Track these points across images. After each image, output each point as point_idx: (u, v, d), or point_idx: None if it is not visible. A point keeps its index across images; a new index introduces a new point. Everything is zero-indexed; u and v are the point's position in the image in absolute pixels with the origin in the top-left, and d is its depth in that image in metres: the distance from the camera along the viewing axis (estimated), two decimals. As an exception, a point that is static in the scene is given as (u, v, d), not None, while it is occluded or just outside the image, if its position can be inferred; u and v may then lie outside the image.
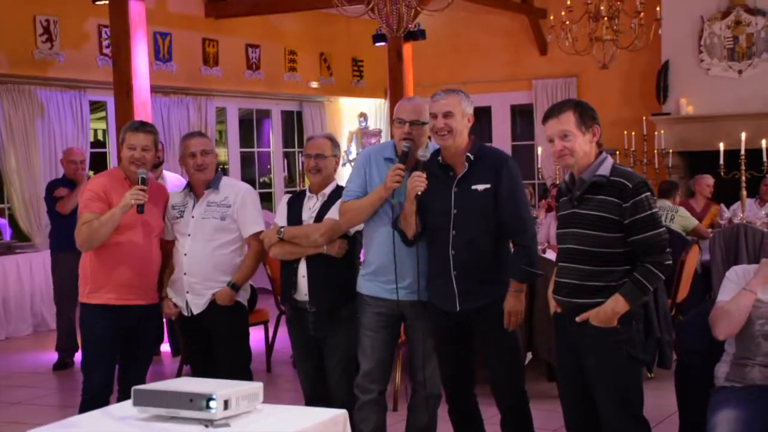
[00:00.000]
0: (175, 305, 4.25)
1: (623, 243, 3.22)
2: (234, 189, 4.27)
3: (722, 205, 8.52)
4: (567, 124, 3.25)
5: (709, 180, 8.79)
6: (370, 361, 3.84)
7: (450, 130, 3.57)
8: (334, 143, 4.10)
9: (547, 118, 3.31)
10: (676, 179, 11.01)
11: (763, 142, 7.80)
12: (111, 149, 10.20)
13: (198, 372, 4.30)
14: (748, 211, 7.92)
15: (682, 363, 3.59)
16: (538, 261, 3.71)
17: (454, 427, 3.91)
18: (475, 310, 3.63)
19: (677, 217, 7.50)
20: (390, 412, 4.86)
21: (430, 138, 3.78)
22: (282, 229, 4.02)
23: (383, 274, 3.79)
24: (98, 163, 10.35)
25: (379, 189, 3.72)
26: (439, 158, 3.68)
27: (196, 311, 4.21)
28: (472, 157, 3.62)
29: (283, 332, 6.61)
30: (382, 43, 9.97)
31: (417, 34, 9.64)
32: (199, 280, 4.18)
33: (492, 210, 3.59)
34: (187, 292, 4.21)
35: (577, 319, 3.26)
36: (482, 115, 13.73)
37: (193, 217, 4.22)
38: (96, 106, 10.55)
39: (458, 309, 3.65)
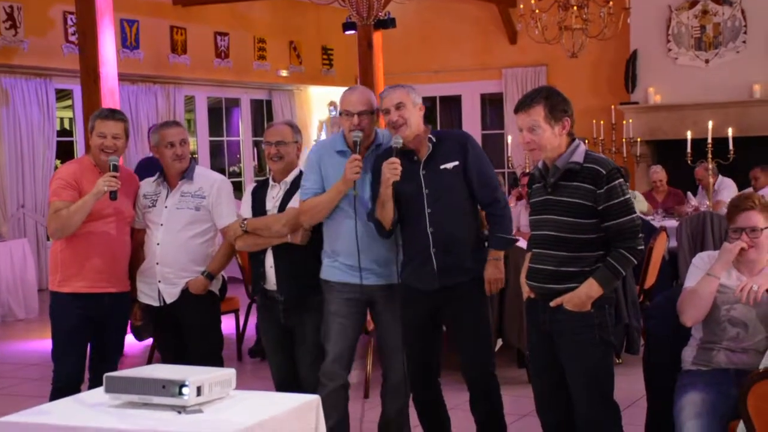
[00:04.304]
0: (139, 306, 4.26)
1: (597, 229, 3.25)
2: (209, 180, 4.25)
3: (689, 193, 8.64)
4: (536, 117, 3.27)
5: (658, 175, 8.97)
6: (338, 345, 3.85)
7: (405, 120, 3.68)
8: (295, 129, 4.10)
9: (518, 109, 3.33)
10: (644, 168, 11.16)
11: (729, 130, 7.92)
12: (78, 138, 10.08)
13: (168, 360, 4.28)
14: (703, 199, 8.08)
15: (649, 348, 3.64)
16: (512, 228, 3.85)
17: (418, 414, 3.94)
18: (451, 287, 3.69)
19: (635, 202, 7.59)
20: (362, 400, 4.90)
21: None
22: (245, 221, 4.01)
23: (350, 261, 3.82)
24: (65, 152, 10.24)
25: (338, 184, 3.77)
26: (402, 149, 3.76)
27: (169, 300, 4.19)
28: (434, 139, 3.74)
29: (254, 321, 6.61)
30: (352, 32, 9.95)
31: (387, 23, 9.63)
32: (172, 270, 4.16)
33: (463, 185, 3.70)
34: (160, 281, 4.19)
35: (552, 303, 3.30)
36: (452, 104, 13.77)
37: (166, 207, 4.19)
38: (62, 94, 10.42)
39: (438, 286, 3.69)
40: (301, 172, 4.05)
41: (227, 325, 5.38)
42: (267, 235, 3.95)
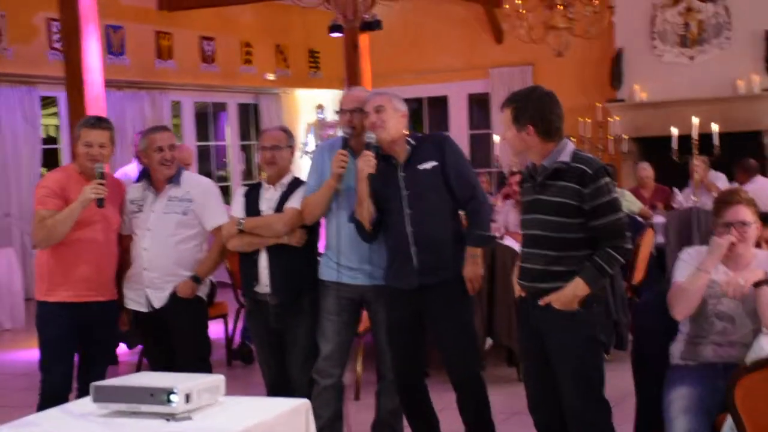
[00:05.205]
0: (127, 312, 4.25)
1: (584, 228, 3.26)
2: (196, 184, 4.26)
3: (675, 189, 8.67)
4: (505, 118, 3.38)
5: (645, 171, 8.98)
6: (331, 344, 3.89)
7: (383, 122, 3.74)
8: (289, 135, 4.15)
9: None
10: (631, 165, 11.17)
11: (715, 126, 7.95)
12: (64, 145, 10.04)
13: (157, 366, 4.27)
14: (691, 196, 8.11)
15: (638, 343, 3.65)
16: (490, 226, 3.89)
17: (406, 416, 3.95)
18: (432, 287, 3.71)
19: (624, 201, 7.60)
20: (353, 402, 4.89)
21: None
22: (242, 221, 4.01)
23: (340, 260, 3.87)
24: (50, 160, 10.18)
25: (329, 180, 3.85)
26: (380, 150, 3.80)
27: (157, 305, 4.18)
28: (413, 141, 3.80)
29: (242, 326, 6.58)
30: (338, 34, 9.94)
31: (373, 25, 9.62)
32: (159, 275, 4.15)
33: (442, 185, 3.74)
34: (147, 287, 4.17)
35: (540, 302, 3.31)
36: (439, 105, 13.77)
37: (153, 212, 4.18)
38: (47, 102, 10.38)
39: (417, 284, 3.71)
40: (295, 177, 4.11)
41: (216, 330, 5.37)
42: (266, 234, 3.97)
